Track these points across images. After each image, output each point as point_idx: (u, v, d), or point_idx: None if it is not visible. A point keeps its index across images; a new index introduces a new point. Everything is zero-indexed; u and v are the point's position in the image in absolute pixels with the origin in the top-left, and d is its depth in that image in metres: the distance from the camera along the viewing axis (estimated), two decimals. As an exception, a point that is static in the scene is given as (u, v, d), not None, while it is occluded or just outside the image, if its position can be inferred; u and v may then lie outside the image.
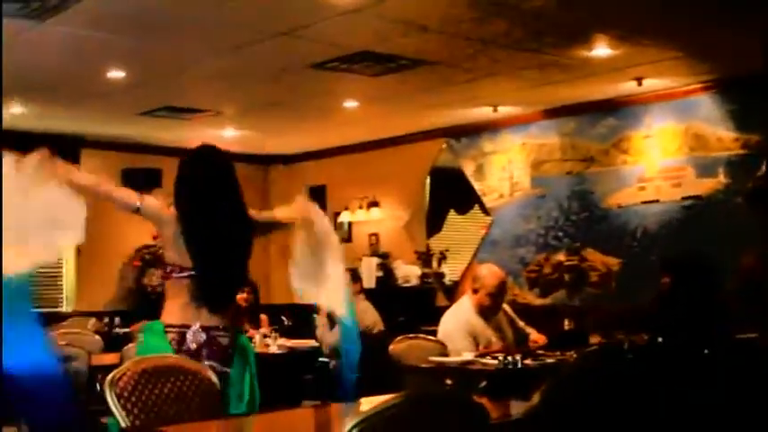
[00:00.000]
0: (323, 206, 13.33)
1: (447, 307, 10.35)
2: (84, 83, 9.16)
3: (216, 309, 4.74)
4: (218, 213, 4.76)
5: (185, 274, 4.72)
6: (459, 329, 6.76)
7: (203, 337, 4.68)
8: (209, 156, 4.95)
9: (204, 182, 4.82)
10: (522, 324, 7.30)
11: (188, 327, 4.69)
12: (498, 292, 6.87)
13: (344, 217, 13.21)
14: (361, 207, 12.91)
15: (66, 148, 12.29)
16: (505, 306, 7.17)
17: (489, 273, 6.95)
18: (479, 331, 6.78)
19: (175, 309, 4.75)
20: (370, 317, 8.44)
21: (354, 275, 8.67)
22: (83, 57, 8.25)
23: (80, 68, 8.67)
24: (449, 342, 6.75)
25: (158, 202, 4.83)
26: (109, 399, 3.77)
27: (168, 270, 4.80)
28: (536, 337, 7.24)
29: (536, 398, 3.43)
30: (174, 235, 4.74)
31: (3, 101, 9.63)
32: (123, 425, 3.76)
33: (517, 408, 3.90)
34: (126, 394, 3.80)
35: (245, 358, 4.83)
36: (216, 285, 4.76)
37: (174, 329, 4.70)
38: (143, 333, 4.92)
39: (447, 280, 12.10)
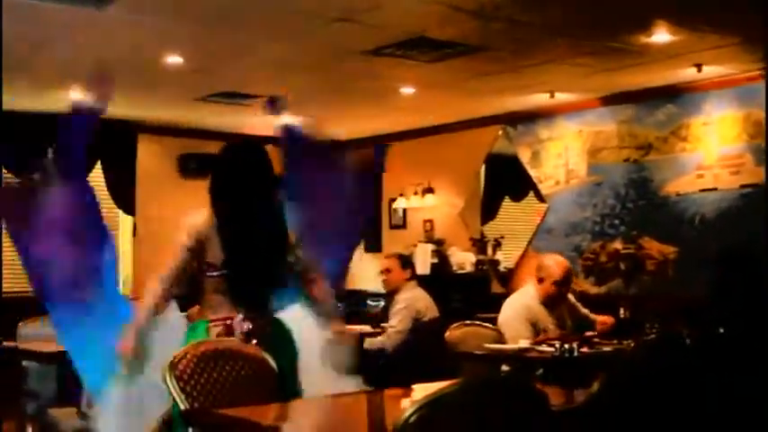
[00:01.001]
0: (378, 192, 13.48)
1: (502, 294, 10.34)
2: (142, 69, 9.22)
3: (251, 309, 4.70)
4: (251, 213, 4.69)
5: (218, 273, 4.70)
6: (519, 316, 6.75)
7: (249, 325, 4.64)
8: (244, 153, 4.91)
9: (238, 180, 4.76)
10: (585, 311, 7.27)
11: (231, 318, 4.67)
12: (564, 282, 6.87)
13: (399, 203, 13.21)
14: (416, 193, 12.90)
15: (124, 133, 12.45)
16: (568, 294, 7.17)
17: (555, 262, 6.96)
18: (540, 319, 6.77)
19: (215, 304, 4.74)
20: (423, 304, 8.40)
21: (405, 262, 8.62)
22: (141, 43, 8.31)
23: (138, 54, 8.72)
24: (508, 328, 6.75)
25: (195, 222, 4.80)
26: (168, 381, 3.81)
27: (205, 268, 4.77)
28: (603, 319, 7.21)
29: (596, 386, 3.41)
30: (210, 233, 4.72)
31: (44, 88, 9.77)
32: (182, 407, 3.79)
33: (576, 395, 3.89)
34: (185, 377, 3.84)
35: (287, 346, 4.75)
36: (247, 286, 4.72)
37: (219, 322, 4.69)
38: (187, 333, 4.86)
39: (502, 267, 12.05)
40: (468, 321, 7.14)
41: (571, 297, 7.23)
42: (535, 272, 7.07)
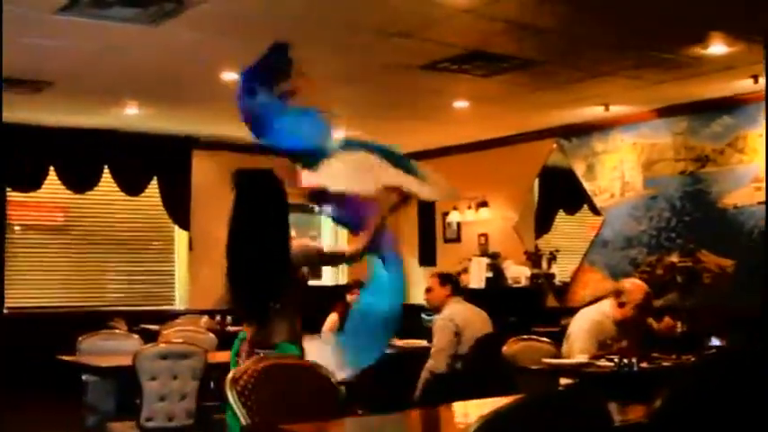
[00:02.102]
0: (431, 206, 13.49)
1: (557, 308, 10.28)
2: (197, 84, 9.31)
3: (248, 318, 4.93)
4: (254, 233, 4.89)
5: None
6: (590, 331, 6.63)
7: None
8: (257, 182, 5.12)
9: (245, 206, 4.99)
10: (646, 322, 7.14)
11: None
12: (646, 306, 6.75)
13: (453, 217, 13.21)
14: (470, 207, 12.89)
15: (179, 148, 12.56)
16: None
17: (635, 287, 6.81)
18: (608, 336, 6.65)
19: None
20: (466, 319, 8.19)
21: (444, 279, 8.41)
22: (196, 59, 8.38)
23: (193, 70, 8.80)
24: (576, 339, 6.64)
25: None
26: (230, 396, 3.83)
27: None
28: (664, 322, 7.12)
29: (659, 402, 3.38)
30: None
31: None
32: (244, 422, 3.81)
33: (636, 411, 3.86)
34: (246, 392, 3.86)
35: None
36: (244, 299, 4.92)
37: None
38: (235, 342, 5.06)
39: (557, 281, 12.00)
40: (525, 336, 7.10)
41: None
42: (613, 295, 6.88)
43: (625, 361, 5.95)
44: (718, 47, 7.99)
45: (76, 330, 7.93)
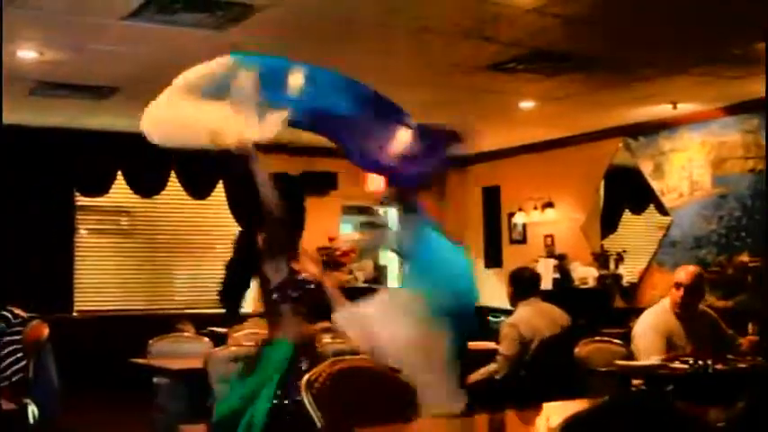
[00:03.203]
0: (497, 207, 13.46)
1: (625, 309, 10.17)
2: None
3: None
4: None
5: None
6: (653, 328, 6.60)
7: None
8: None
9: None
10: (729, 331, 7.05)
11: None
12: (693, 288, 6.70)
13: (519, 218, 13.15)
14: (535, 208, 12.83)
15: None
16: (709, 310, 7.00)
17: (685, 270, 6.82)
18: (675, 333, 6.60)
19: None
20: (532, 322, 7.94)
21: (510, 278, 8.13)
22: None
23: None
24: (641, 339, 6.61)
25: None
26: (306, 400, 3.83)
27: None
28: (750, 338, 7.03)
29: (741, 404, 3.33)
30: None
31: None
32: (319, 425, 3.81)
33: (715, 414, 3.79)
34: (322, 395, 3.85)
35: (264, 371, 4.77)
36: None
37: None
38: None
39: (625, 282, 11.88)
40: (597, 337, 7.04)
41: (713, 313, 7.04)
42: (670, 283, 6.93)
43: (700, 363, 5.87)
44: (788, 42, 7.87)
45: (144, 333, 7.98)
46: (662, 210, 11.49)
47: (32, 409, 7.63)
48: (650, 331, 6.59)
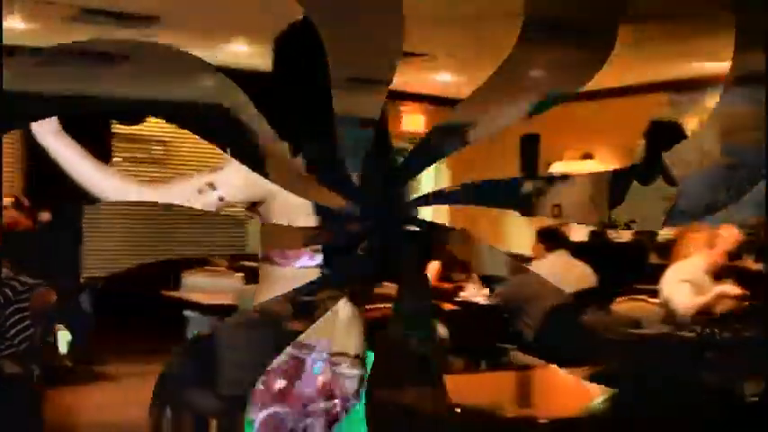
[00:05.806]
0: (535, 155, 13.33)
1: (659, 265, 10.06)
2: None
3: None
4: None
5: None
6: (682, 276, 6.46)
7: None
8: None
9: None
10: None
11: None
12: (736, 252, 6.60)
13: (557, 167, 13.02)
14: (574, 159, 12.70)
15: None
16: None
17: (728, 232, 6.67)
18: (702, 286, 6.47)
19: None
20: (574, 274, 7.89)
21: (547, 234, 8.06)
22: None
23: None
24: (666, 285, 6.49)
25: None
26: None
27: None
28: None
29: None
30: None
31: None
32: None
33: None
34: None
35: None
36: None
37: None
38: None
39: (660, 238, 11.78)
40: (633, 295, 6.96)
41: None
42: (706, 240, 6.73)
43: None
44: None
45: (177, 265, 8.01)
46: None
47: (64, 335, 7.71)
48: (677, 279, 6.45)
